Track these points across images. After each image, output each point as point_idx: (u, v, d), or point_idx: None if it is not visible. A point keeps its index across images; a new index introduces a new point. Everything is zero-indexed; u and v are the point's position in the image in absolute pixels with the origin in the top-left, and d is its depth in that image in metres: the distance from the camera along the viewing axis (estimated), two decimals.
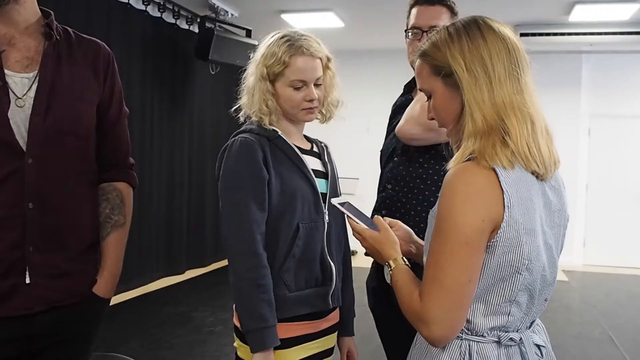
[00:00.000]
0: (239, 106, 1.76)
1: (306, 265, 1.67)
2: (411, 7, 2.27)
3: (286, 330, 1.64)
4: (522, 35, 6.87)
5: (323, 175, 1.76)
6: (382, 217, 1.45)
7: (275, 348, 1.60)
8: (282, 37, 1.67)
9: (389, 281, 1.31)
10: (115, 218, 1.67)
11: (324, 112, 1.78)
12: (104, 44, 1.66)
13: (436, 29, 1.32)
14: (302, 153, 1.72)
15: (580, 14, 6.37)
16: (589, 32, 6.85)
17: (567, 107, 8.20)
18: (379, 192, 2.19)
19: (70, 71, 1.54)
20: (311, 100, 1.67)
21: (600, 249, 8.33)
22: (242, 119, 1.76)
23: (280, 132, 1.69)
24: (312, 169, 1.71)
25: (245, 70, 1.75)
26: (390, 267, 1.31)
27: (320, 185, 1.72)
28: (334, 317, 1.80)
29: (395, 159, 2.10)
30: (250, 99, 1.70)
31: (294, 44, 1.65)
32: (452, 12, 2.22)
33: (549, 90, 9.41)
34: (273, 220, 1.64)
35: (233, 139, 1.69)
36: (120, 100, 1.70)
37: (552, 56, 7.89)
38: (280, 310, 1.62)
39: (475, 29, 1.23)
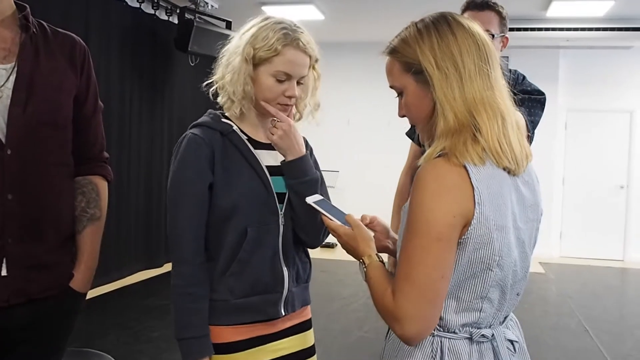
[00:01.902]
0: (211, 81, 1.64)
1: (254, 271, 1.56)
2: (462, 12, 2.29)
3: (233, 333, 1.57)
4: None
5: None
6: None
7: (226, 352, 1.56)
8: (278, 23, 1.55)
9: (363, 278, 1.30)
10: (91, 212, 1.66)
11: (294, 111, 1.68)
12: (79, 38, 1.65)
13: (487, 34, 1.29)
14: (262, 148, 1.61)
15: (557, 9, 6.44)
16: (566, 27, 6.94)
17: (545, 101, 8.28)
18: None
19: (48, 63, 1.53)
20: (290, 97, 1.57)
21: (576, 241, 8.47)
22: (213, 97, 1.64)
23: (234, 127, 1.58)
24: (269, 166, 1.59)
25: (223, 45, 1.63)
26: (365, 264, 1.29)
27: (277, 183, 1.59)
28: (301, 315, 1.71)
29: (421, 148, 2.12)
30: (231, 78, 1.57)
31: (290, 34, 1.53)
32: (501, 16, 2.26)
33: None
34: (218, 222, 1.54)
35: (186, 133, 1.59)
36: (96, 94, 1.68)
37: (529, 51, 7.98)
38: (223, 317, 1.57)
39: (445, 25, 1.22)
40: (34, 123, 1.48)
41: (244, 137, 1.59)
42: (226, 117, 1.62)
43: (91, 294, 5.44)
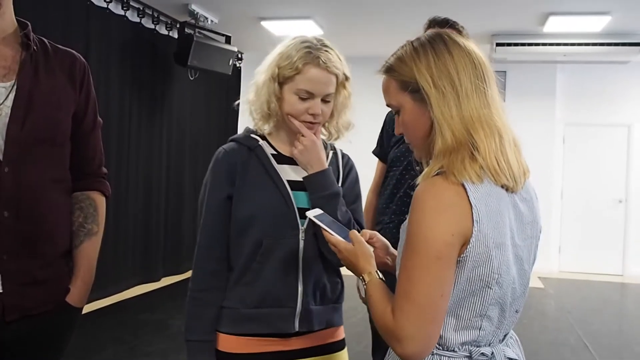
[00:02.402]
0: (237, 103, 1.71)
1: (265, 282, 1.57)
2: (425, 30, 2.42)
3: (243, 344, 1.59)
4: (498, 45, 6.97)
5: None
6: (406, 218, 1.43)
7: None
8: (303, 42, 1.59)
9: (362, 295, 1.30)
10: (88, 227, 1.67)
11: (332, 131, 1.70)
12: (79, 55, 1.67)
13: None
14: (288, 163, 1.64)
15: (554, 25, 6.48)
16: (563, 42, 6.98)
17: (543, 116, 8.33)
18: (399, 196, 2.29)
19: (48, 80, 1.54)
20: (314, 115, 1.59)
21: (575, 255, 8.45)
22: (247, 116, 1.70)
23: (260, 142, 1.63)
24: (294, 181, 1.62)
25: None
26: (365, 281, 1.29)
27: (301, 199, 1.61)
28: (326, 336, 1.67)
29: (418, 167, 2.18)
30: (255, 97, 1.63)
31: (312, 52, 1.57)
32: (461, 35, 2.34)
33: (525, 99, 9.50)
34: (237, 233, 1.59)
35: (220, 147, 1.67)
36: (95, 110, 1.69)
37: (527, 66, 8.03)
38: (232, 325, 1.59)
39: (441, 43, 1.22)
40: (32, 140, 1.49)
41: (270, 152, 1.63)
42: (258, 133, 1.68)
43: (88, 308, 5.40)
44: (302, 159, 1.61)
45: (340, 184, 1.68)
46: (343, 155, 1.77)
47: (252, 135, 1.66)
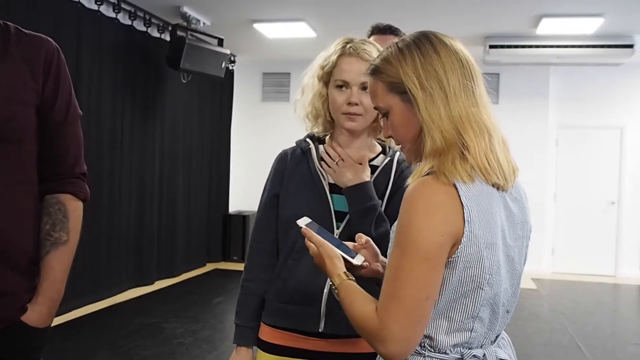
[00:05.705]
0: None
1: (297, 279, 1.62)
2: (369, 35, 2.66)
3: (275, 336, 1.66)
4: (491, 47, 6.99)
5: None
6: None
7: (271, 352, 1.66)
8: (343, 40, 1.65)
9: (336, 297, 1.27)
10: (55, 235, 1.43)
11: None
12: (50, 39, 1.45)
13: None
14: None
15: (547, 27, 6.51)
16: (556, 44, 7.00)
17: (536, 118, 8.36)
18: None
19: (0, 68, 1.34)
20: (351, 104, 1.58)
21: (568, 257, 8.48)
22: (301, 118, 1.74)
23: (311, 145, 1.68)
24: (334, 184, 1.63)
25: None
26: (334, 285, 1.25)
27: (340, 201, 1.63)
28: (355, 346, 1.59)
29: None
30: (302, 96, 1.70)
31: (346, 45, 1.61)
32: None
33: (518, 101, 9.55)
34: (282, 230, 1.68)
35: None
36: (69, 101, 1.46)
37: (521, 68, 8.05)
38: (270, 317, 1.68)
39: (427, 43, 1.20)
40: None
41: (319, 155, 1.68)
42: (316, 136, 1.74)
43: (81, 312, 5.38)
44: (335, 179, 1.64)
45: (387, 196, 1.64)
46: (400, 163, 1.69)
47: (307, 139, 1.72)
